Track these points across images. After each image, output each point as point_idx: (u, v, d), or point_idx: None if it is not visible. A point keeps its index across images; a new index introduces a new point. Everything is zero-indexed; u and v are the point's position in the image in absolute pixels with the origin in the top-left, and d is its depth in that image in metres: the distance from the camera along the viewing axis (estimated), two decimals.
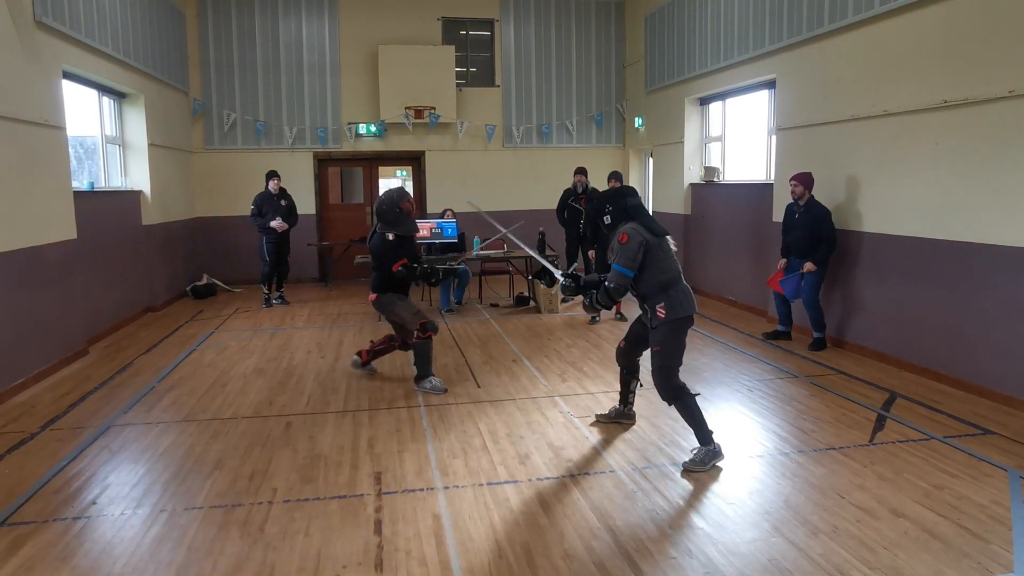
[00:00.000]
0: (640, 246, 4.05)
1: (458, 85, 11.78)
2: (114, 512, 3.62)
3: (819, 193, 7.03)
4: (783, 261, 6.99)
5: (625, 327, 7.90)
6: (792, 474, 3.96)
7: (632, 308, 9.02)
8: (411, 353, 5.65)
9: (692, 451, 4.10)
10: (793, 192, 6.81)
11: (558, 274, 4.68)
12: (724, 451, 4.15)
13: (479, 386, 5.75)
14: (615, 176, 8.31)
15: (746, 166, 9.36)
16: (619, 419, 4.80)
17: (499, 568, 3.06)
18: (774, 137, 8.17)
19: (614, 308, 8.40)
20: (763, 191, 8.33)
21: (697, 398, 4.12)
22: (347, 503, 3.69)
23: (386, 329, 6.52)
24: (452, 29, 11.96)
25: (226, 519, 3.52)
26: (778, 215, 7.51)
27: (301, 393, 5.63)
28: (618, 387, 5.58)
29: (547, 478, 3.97)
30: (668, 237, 4.21)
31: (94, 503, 3.73)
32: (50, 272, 6.30)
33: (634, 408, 4.81)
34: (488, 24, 12.08)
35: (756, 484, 3.85)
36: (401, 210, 5.55)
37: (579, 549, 3.21)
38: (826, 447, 4.34)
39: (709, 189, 9.86)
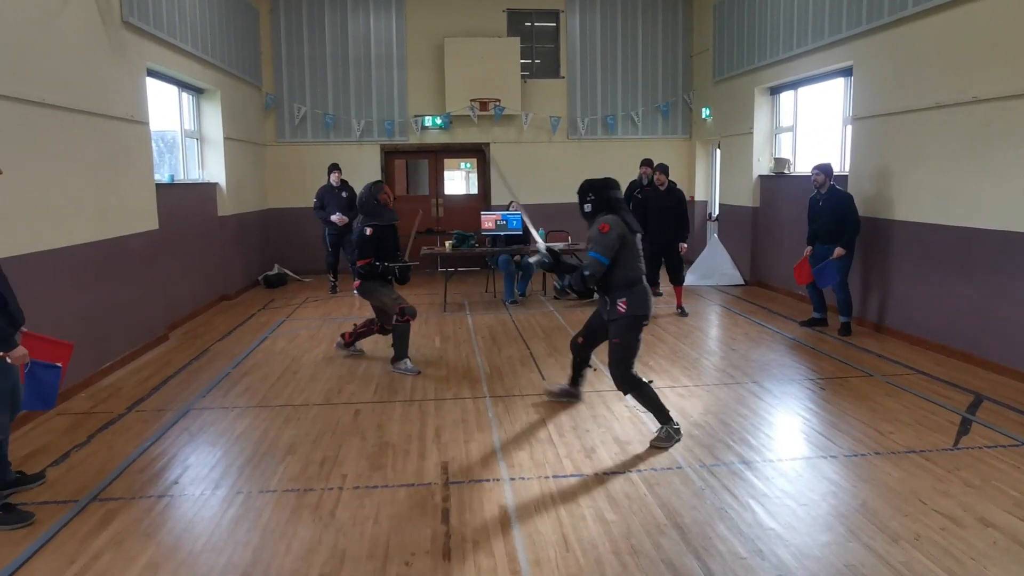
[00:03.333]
0: (619, 238, 4.20)
1: (523, 77, 11.77)
2: (194, 492, 3.78)
3: (898, 183, 6.73)
4: (809, 248, 7.20)
5: (685, 322, 7.77)
6: (869, 477, 3.81)
7: (690, 301, 8.85)
8: (392, 336, 6.02)
9: (655, 430, 4.37)
10: (815, 181, 7.06)
11: (542, 246, 4.68)
12: (777, 450, 4.20)
13: (544, 378, 5.74)
14: (660, 168, 8.31)
15: (819, 157, 9.01)
16: (567, 397, 5.09)
17: (566, 562, 3.05)
18: (849, 127, 7.85)
19: (675, 302, 8.26)
20: (837, 183, 8.01)
21: (652, 384, 4.42)
22: (415, 491, 3.75)
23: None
24: (517, 21, 11.94)
25: (299, 503, 3.63)
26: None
27: (369, 381, 5.75)
28: (684, 383, 5.51)
29: (613, 472, 3.94)
30: (639, 235, 4.37)
31: (176, 483, 3.90)
32: (134, 261, 6.61)
33: (582, 389, 5.10)
34: (553, 15, 12.01)
35: (830, 486, 3.72)
36: (378, 202, 5.95)
37: (647, 545, 3.17)
38: (906, 450, 4.17)
39: (779, 181, 9.57)
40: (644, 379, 4.39)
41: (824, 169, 7.03)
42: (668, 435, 4.29)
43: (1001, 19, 5.58)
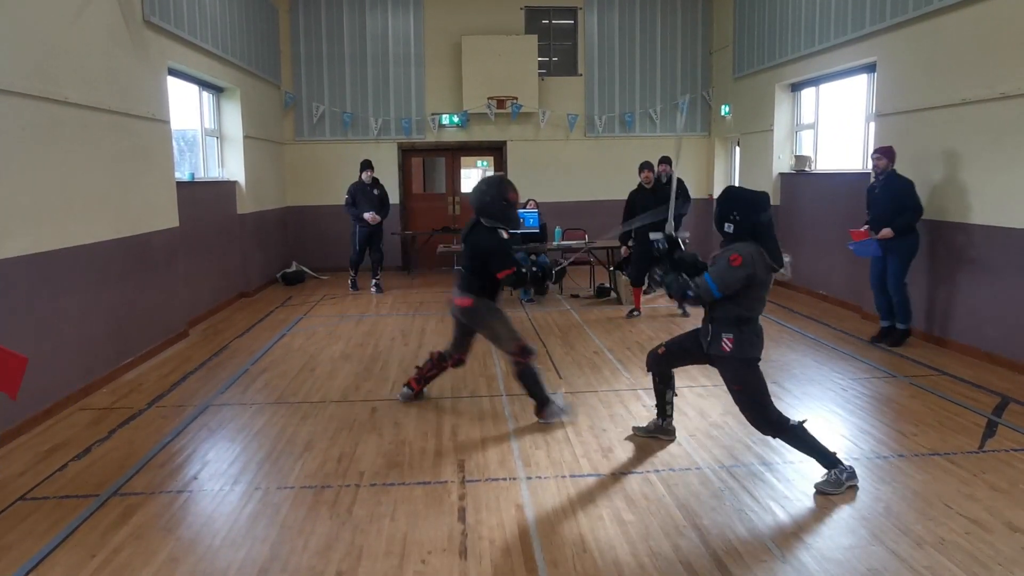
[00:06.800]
0: (747, 279, 3.55)
1: (540, 74, 11.74)
2: (213, 488, 3.80)
3: (924, 181, 6.64)
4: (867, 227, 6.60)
5: (674, 325, 7.54)
6: (892, 479, 3.75)
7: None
8: (522, 383, 4.77)
9: (822, 475, 3.67)
10: (876, 165, 6.53)
11: (668, 229, 3.95)
12: (797, 451, 3.83)
13: (560, 377, 5.72)
14: (647, 166, 8.11)
15: (841, 155, 8.92)
16: (657, 434, 4.35)
17: (583, 562, 3.03)
18: (872, 124, 7.74)
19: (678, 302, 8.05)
20: (859, 181, 7.91)
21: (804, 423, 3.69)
22: (431, 489, 3.75)
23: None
24: (535, 18, 11.91)
25: (316, 500, 3.64)
26: None
27: (386, 379, 5.76)
28: (703, 382, 5.43)
29: (631, 472, 3.91)
30: (780, 269, 3.70)
31: (195, 478, 3.93)
32: (156, 258, 6.67)
33: (674, 423, 4.39)
34: (571, 12, 11.96)
35: (852, 489, 3.66)
36: (508, 202, 4.72)
37: (665, 547, 3.14)
38: (930, 452, 4.09)
39: (800, 179, 9.46)
40: (793, 420, 3.67)
41: (886, 152, 6.46)
42: (838, 480, 3.58)
43: None
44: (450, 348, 5.04)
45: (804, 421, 3.69)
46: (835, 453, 3.67)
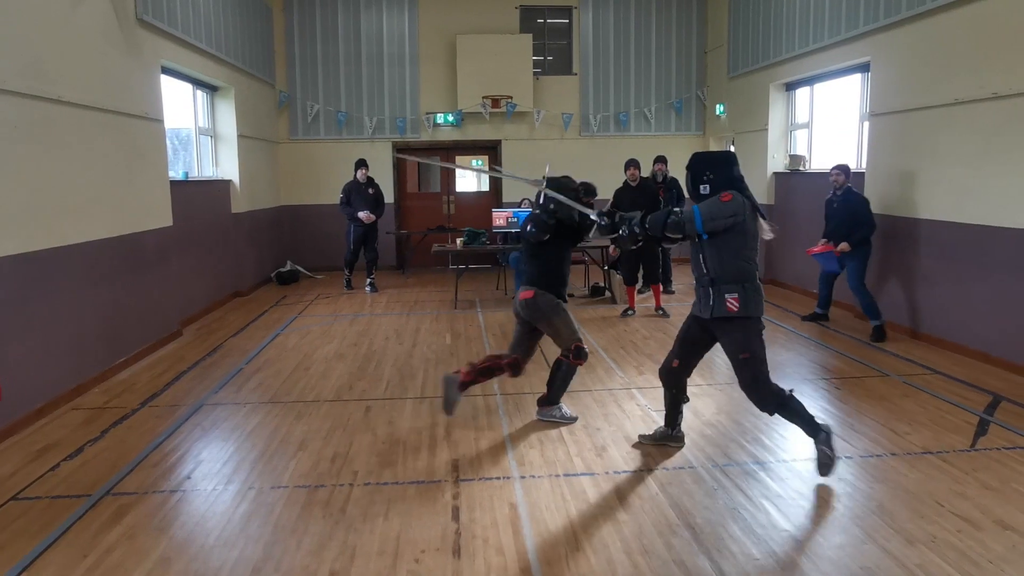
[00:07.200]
0: (732, 218, 3.52)
1: (535, 74, 11.74)
2: (207, 487, 3.79)
3: (917, 180, 6.66)
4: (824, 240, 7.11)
5: (668, 324, 7.55)
6: (884, 478, 3.77)
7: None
8: (551, 373, 4.69)
9: (815, 455, 3.69)
10: (835, 181, 7.04)
11: (593, 215, 4.16)
12: (791, 450, 4.00)
13: None
14: (633, 163, 8.25)
15: (835, 154, 8.93)
16: (666, 442, 4.22)
17: (576, 561, 3.03)
18: (866, 123, 7.77)
19: (655, 303, 8.08)
20: (853, 180, 7.92)
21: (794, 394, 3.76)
22: (425, 488, 3.74)
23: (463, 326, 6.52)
24: (530, 17, 11.91)
25: (310, 499, 3.63)
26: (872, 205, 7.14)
27: (380, 378, 5.76)
28: (696, 381, 5.43)
29: (625, 471, 3.91)
30: (764, 224, 3.73)
31: (188, 478, 3.92)
32: (149, 257, 6.64)
33: (682, 429, 4.26)
34: (566, 11, 11.96)
35: (845, 487, 3.67)
36: (574, 191, 4.66)
37: (658, 545, 3.15)
38: (922, 451, 4.11)
39: (794, 178, 9.49)
40: (787, 391, 3.69)
41: (844, 170, 7.07)
42: (828, 456, 3.60)
43: (1021, 14, 5.49)
44: (509, 348, 4.75)
45: (792, 391, 3.76)
46: (812, 417, 3.71)
